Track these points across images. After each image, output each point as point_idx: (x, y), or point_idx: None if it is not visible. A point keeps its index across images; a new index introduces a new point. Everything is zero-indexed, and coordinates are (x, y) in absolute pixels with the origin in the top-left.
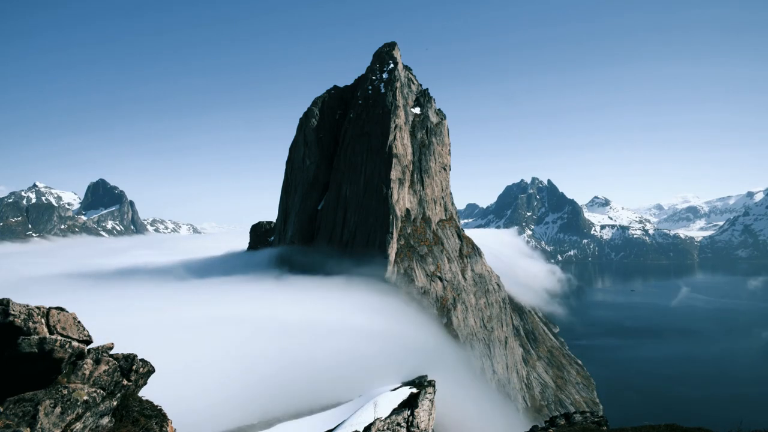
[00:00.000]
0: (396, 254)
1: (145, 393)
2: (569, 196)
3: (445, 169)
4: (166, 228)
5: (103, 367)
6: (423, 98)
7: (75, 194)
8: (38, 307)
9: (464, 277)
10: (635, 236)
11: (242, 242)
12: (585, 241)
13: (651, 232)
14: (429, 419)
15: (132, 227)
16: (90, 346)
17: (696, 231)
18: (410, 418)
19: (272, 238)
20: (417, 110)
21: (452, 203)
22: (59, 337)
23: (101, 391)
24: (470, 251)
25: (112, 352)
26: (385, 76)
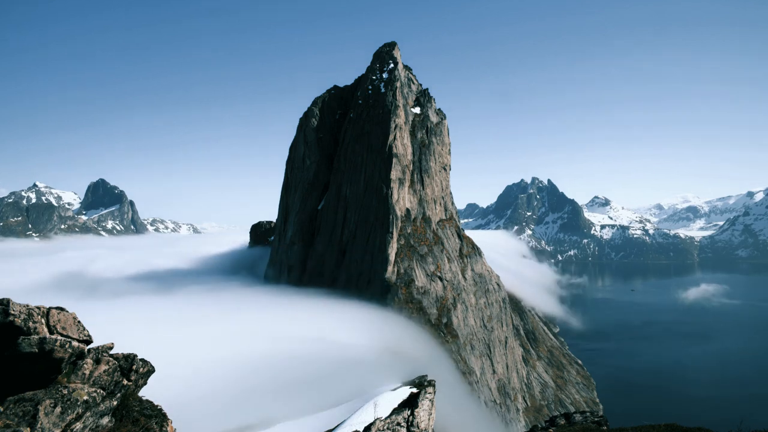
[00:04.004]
0: (396, 254)
1: (145, 393)
2: (569, 195)
3: (445, 169)
4: (166, 228)
5: (103, 367)
6: (423, 98)
7: (75, 194)
8: (38, 307)
9: (464, 277)
10: (635, 236)
11: (242, 242)
12: (585, 240)
13: (651, 232)
14: (429, 419)
15: (132, 227)
16: (90, 345)
17: (696, 231)
18: (410, 417)
19: (272, 237)
20: (417, 110)
21: (452, 203)
22: (59, 337)
23: (101, 391)
24: (470, 251)
25: (112, 352)
26: (385, 75)
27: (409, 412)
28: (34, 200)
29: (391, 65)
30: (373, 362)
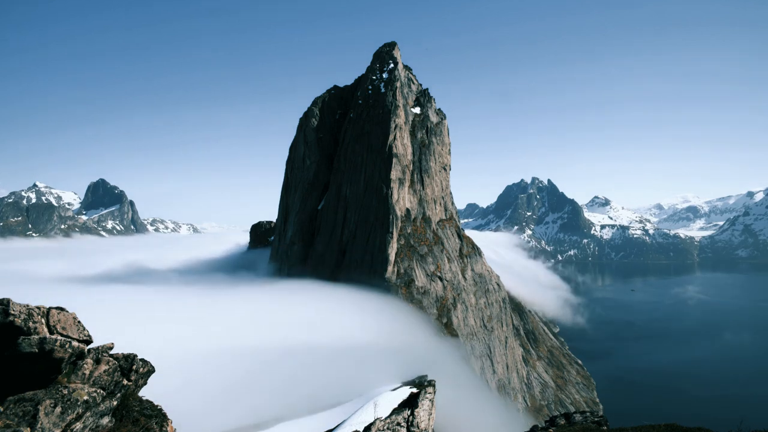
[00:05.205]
0: (396, 254)
1: (145, 393)
2: (569, 195)
3: (445, 169)
4: (166, 228)
5: (103, 367)
6: (423, 98)
7: (75, 194)
8: (38, 307)
9: (464, 277)
10: (635, 236)
11: (242, 242)
12: (585, 240)
13: (651, 231)
14: (429, 419)
15: (132, 227)
16: (90, 345)
17: (696, 231)
18: (410, 417)
19: (272, 237)
20: (417, 110)
21: (452, 203)
22: (59, 337)
23: (101, 391)
24: (470, 251)
25: (112, 352)
26: (385, 75)
27: (409, 412)
28: (34, 200)
29: (391, 65)
30: (373, 362)
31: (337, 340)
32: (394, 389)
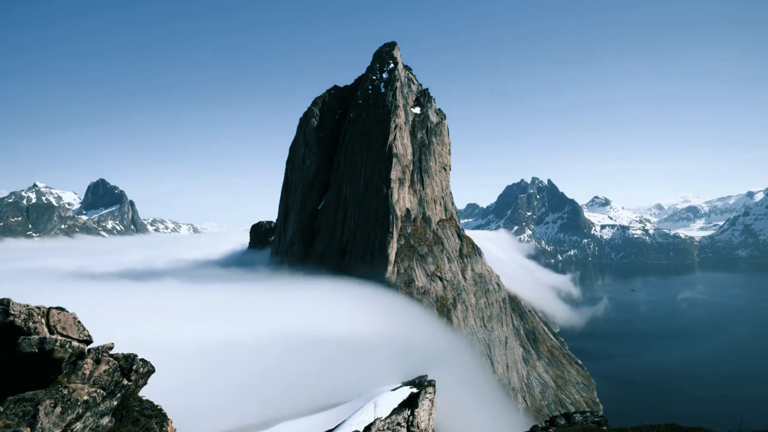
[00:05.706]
0: (396, 254)
1: (145, 393)
2: (569, 195)
3: (445, 169)
4: (166, 228)
5: (104, 367)
6: (423, 98)
7: (75, 194)
8: (38, 307)
9: (464, 277)
10: (635, 236)
11: (243, 242)
12: (585, 240)
13: (651, 231)
14: (429, 419)
15: (132, 227)
16: (90, 345)
17: (696, 231)
18: (410, 417)
19: (272, 237)
20: (417, 110)
21: (452, 203)
22: (59, 337)
23: (101, 391)
24: (470, 251)
25: (112, 352)
26: (385, 75)
27: (409, 412)
28: (34, 200)
29: (391, 65)
30: (373, 362)
31: (337, 339)
32: (394, 389)
